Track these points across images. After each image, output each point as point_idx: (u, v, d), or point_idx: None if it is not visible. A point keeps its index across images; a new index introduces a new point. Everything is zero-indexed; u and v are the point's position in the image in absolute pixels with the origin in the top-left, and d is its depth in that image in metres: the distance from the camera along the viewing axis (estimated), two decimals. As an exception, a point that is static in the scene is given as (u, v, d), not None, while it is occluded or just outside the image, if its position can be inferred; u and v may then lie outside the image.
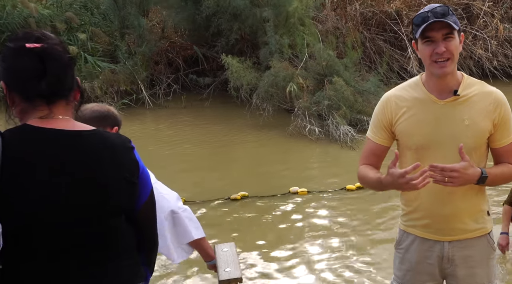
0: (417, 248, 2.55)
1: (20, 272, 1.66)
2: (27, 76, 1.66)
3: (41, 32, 1.75)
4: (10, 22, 10.78)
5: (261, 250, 5.15)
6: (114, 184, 1.77)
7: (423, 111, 2.40)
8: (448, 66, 2.30)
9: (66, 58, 1.74)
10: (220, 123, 9.28)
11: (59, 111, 1.73)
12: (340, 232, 5.49)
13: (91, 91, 10.07)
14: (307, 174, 7.23)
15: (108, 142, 1.80)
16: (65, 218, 1.68)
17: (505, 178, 2.47)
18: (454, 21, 2.28)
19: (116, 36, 10.97)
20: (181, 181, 6.88)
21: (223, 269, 2.14)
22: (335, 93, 8.56)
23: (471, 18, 11.71)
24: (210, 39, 10.67)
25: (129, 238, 1.87)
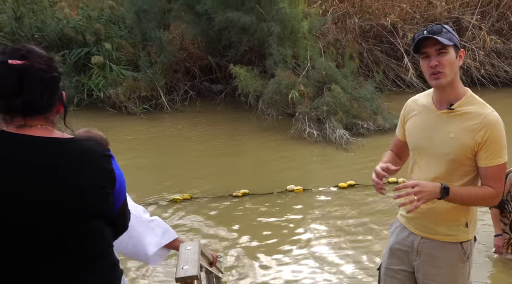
0: (397, 234, 2.58)
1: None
2: (4, 91, 1.57)
3: (30, 48, 1.64)
4: (49, 34, 10.78)
5: (258, 241, 5.09)
6: (90, 189, 1.66)
7: (423, 118, 2.42)
8: (442, 78, 2.27)
9: (48, 77, 1.63)
10: (230, 126, 9.21)
11: (36, 122, 1.63)
12: (331, 224, 5.42)
13: (115, 97, 10.04)
14: (304, 173, 7.13)
15: (85, 149, 1.70)
16: (35, 223, 1.57)
17: (477, 199, 2.34)
18: (448, 37, 2.25)
19: (138, 47, 10.90)
20: (191, 177, 6.84)
21: (181, 267, 2.03)
22: (333, 99, 8.45)
23: (460, 31, 11.46)
24: (222, 50, 10.57)
25: (105, 241, 1.77)
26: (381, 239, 4.89)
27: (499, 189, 2.32)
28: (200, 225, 5.50)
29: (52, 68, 1.66)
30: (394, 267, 2.57)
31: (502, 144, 2.29)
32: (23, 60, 1.58)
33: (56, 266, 1.62)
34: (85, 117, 9.80)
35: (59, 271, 1.63)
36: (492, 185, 2.30)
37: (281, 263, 4.69)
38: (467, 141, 2.27)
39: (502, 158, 2.29)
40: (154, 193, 6.32)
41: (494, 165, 2.28)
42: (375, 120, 8.51)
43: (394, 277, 2.57)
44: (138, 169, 7.03)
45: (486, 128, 2.25)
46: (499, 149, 2.28)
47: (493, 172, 2.30)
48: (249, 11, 9.41)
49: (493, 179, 2.30)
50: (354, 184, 6.28)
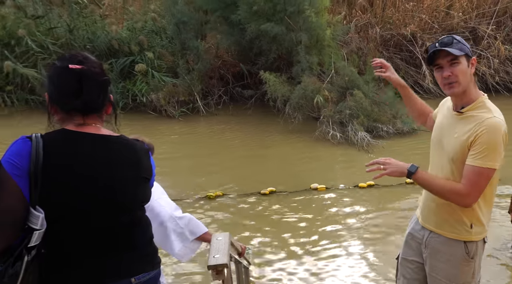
0: (413, 226, 2.55)
1: (57, 255, 1.63)
2: (66, 92, 1.67)
3: (85, 55, 1.74)
4: (99, 44, 10.98)
5: (284, 236, 5.06)
6: (136, 180, 1.75)
7: (443, 116, 2.41)
8: (456, 88, 2.21)
9: (101, 80, 1.72)
10: (259, 128, 9.19)
11: (91, 121, 1.72)
12: (353, 220, 5.39)
13: (156, 101, 10.15)
14: (327, 172, 7.06)
15: (130, 145, 1.78)
16: (93, 211, 1.65)
17: (443, 189, 2.23)
18: (459, 48, 2.19)
19: (178, 56, 10.99)
20: (223, 176, 6.86)
21: (213, 256, 2.04)
22: (355, 104, 8.35)
23: (476, 40, 11.19)
24: (253, 58, 10.55)
25: (148, 228, 1.85)
26: (402, 234, 4.80)
27: (468, 191, 2.17)
28: (231, 220, 5.51)
29: (104, 73, 1.76)
30: (408, 258, 2.56)
31: (492, 149, 2.13)
32: (81, 65, 1.67)
33: (115, 247, 1.71)
34: (130, 119, 9.94)
35: (118, 251, 1.71)
36: (464, 183, 2.17)
37: (307, 255, 4.65)
38: (464, 142, 2.20)
39: (485, 162, 2.13)
40: (189, 189, 6.36)
41: (474, 165, 2.15)
42: (394, 123, 8.39)
43: (408, 267, 2.55)
44: (176, 167, 7.10)
45: (481, 130, 2.15)
46: (486, 152, 2.13)
47: (471, 173, 2.16)
48: (278, 21, 9.37)
49: (468, 179, 2.16)
50: (373, 184, 6.20)
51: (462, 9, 11.39)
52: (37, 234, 1.55)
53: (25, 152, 1.57)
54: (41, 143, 1.58)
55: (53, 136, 1.65)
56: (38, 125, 2.04)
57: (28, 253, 1.55)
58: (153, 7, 11.87)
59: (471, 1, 11.46)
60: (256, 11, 9.39)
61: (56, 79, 1.68)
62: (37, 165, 1.55)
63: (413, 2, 11.47)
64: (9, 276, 1.52)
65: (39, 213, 1.55)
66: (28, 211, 1.55)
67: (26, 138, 1.60)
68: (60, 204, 1.59)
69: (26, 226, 1.55)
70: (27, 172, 1.55)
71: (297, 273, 4.37)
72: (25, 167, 1.55)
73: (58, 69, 1.69)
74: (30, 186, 1.55)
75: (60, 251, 1.63)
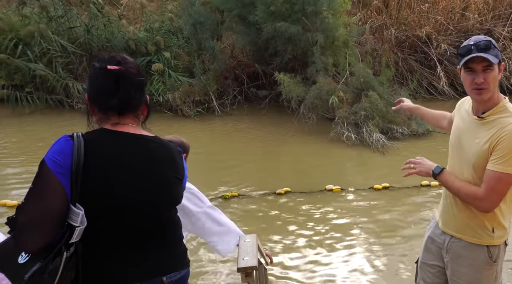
0: (433, 230, 2.51)
1: (95, 252, 1.66)
2: (104, 92, 1.71)
3: (123, 56, 1.77)
4: (116, 44, 11.05)
5: (300, 235, 5.07)
6: (171, 180, 1.78)
7: (461, 120, 2.36)
8: (485, 94, 2.15)
9: (137, 81, 1.75)
10: (274, 129, 9.17)
11: (128, 121, 1.75)
12: (366, 223, 5.34)
13: (173, 101, 10.18)
14: (342, 174, 7.03)
15: (166, 145, 1.82)
16: (130, 209, 1.67)
17: (461, 192, 2.24)
18: (495, 54, 2.11)
19: (194, 56, 11.02)
20: (239, 176, 6.87)
21: (242, 258, 2.04)
22: (370, 105, 8.29)
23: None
24: (269, 58, 10.53)
25: (179, 228, 1.88)
26: (417, 237, 4.78)
27: (486, 196, 2.14)
28: (247, 220, 5.50)
29: (141, 73, 1.78)
30: (428, 262, 2.53)
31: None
32: (119, 65, 1.70)
33: (149, 246, 1.74)
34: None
35: (152, 250, 1.74)
36: (483, 188, 2.15)
37: (321, 256, 4.64)
38: (485, 147, 2.15)
39: (506, 167, 2.09)
40: (204, 189, 6.33)
41: (494, 170, 2.11)
42: (409, 125, 8.31)
43: (428, 271, 2.53)
44: (190, 167, 7.08)
45: (503, 134, 2.11)
46: (507, 157, 2.08)
47: (491, 178, 2.12)
48: (295, 21, 9.33)
49: (487, 184, 2.13)
50: (388, 186, 6.16)
51: (478, 11, 11.26)
52: (78, 230, 1.57)
53: (68, 150, 1.60)
54: (82, 142, 1.62)
55: (93, 135, 1.68)
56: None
57: (67, 249, 1.58)
58: (170, 7, 11.91)
59: (487, 3, 11.32)
60: (274, 12, 9.37)
61: (95, 79, 1.72)
62: (79, 163, 1.59)
63: (429, 3, 11.36)
64: (49, 272, 1.54)
65: (79, 210, 1.57)
66: (68, 208, 1.58)
67: (68, 137, 1.64)
68: (98, 202, 1.62)
69: (66, 223, 1.58)
70: (69, 170, 1.58)
71: (312, 273, 4.37)
72: (68, 165, 1.58)
73: (97, 70, 1.72)
74: (71, 183, 1.58)
75: (97, 248, 1.66)
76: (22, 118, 9.66)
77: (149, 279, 1.72)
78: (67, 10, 11.15)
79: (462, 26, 11.20)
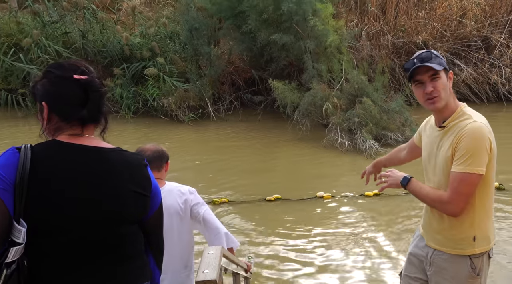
0: (416, 243, 2.49)
1: (42, 267, 1.57)
2: (71, 102, 1.62)
3: (84, 65, 1.70)
4: (111, 49, 11.06)
5: (287, 243, 5.02)
6: (128, 196, 1.68)
7: (427, 137, 2.39)
8: (438, 102, 2.17)
9: (103, 91, 1.69)
10: (268, 135, 9.14)
11: (88, 131, 1.68)
12: (355, 230, 5.31)
13: (167, 106, 10.17)
14: (334, 180, 6.97)
15: (125, 158, 1.72)
16: (79, 226, 1.59)
17: (428, 197, 2.24)
18: (438, 62, 2.17)
19: (190, 61, 11.02)
20: (229, 182, 6.84)
21: (202, 271, 1.97)
22: (363, 111, 8.25)
23: (489, 49, 11.03)
24: (264, 65, 10.54)
25: (139, 243, 1.78)
26: (407, 245, 4.74)
27: (451, 198, 2.13)
28: (235, 227, 5.47)
29: (102, 83, 1.71)
30: (411, 275, 2.49)
31: (473, 154, 2.08)
32: (84, 75, 1.64)
33: (103, 260, 1.65)
34: (140, 123, 10.00)
35: (105, 264, 1.65)
36: (448, 190, 2.14)
37: (310, 263, 4.61)
38: (449, 153, 2.15)
39: (466, 167, 2.09)
40: (195, 195, 6.34)
41: (455, 171, 2.11)
42: (403, 131, 8.27)
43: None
44: (182, 171, 7.09)
45: (461, 137, 2.11)
46: (467, 156, 2.08)
47: (453, 179, 2.12)
48: (287, 30, 9.34)
49: (450, 185, 2.13)
50: (379, 193, 6.11)
51: (475, 18, 11.23)
52: (14, 250, 1.50)
53: (13, 164, 1.52)
54: (29, 155, 1.53)
55: (43, 147, 1.60)
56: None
57: (8, 267, 1.50)
58: (166, 13, 11.91)
59: (484, 10, 11.30)
60: (266, 19, 9.38)
61: (58, 88, 1.63)
62: (23, 178, 1.50)
63: (426, 10, 11.35)
64: None
65: (22, 227, 1.50)
66: (11, 225, 1.50)
67: (16, 149, 1.55)
68: (44, 218, 1.54)
69: (10, 239, 1.50)
70: (13, 185, 1.50)
71: (300, 279, 4.33)
72: (11, 180, 1.50)
73: (61, 79, 1.63)
74: (15, 199, 1.50)
75: (43, 265, 1.57)
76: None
77: None
78: (61, 15, 11.18)
79: (459, 33, 11.18)
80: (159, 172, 2.79)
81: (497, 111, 10.14)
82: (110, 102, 10.48)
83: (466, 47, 11.06)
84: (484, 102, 10.58)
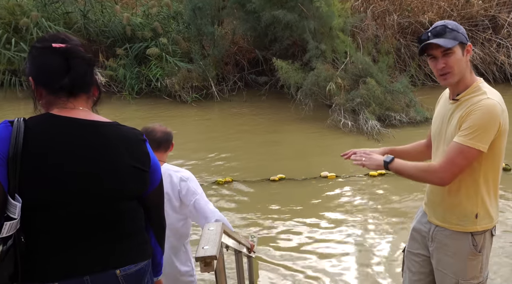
0: (419, 219, 2.50)
1: (39, 243, 1.56)
2: (52, 71, 1.58)
3: (65, 34, 1.67)
4: (113, 29, 11.00)
5: (291, 222, 5.07)
6: (126, 171, 1.65)
7: (441, 108, 2.35)
8: (450, 78, 2.15)
9: (87, 57, 1.64)
10: (272, 115, 9.13)
11: (80, 104, 1.64)
12: (359, 209, 5.35)
13: (171, 86, 10.15)
14: (338, 161, 6.94)
15: (122, 133, 1.69)
16: (78, 200, 1.57)
17: (417, 170, 2.23)
18: (453, 37, 2.11)
19: (193, 41, 10.96)
20: (234, 162, 6.88)
21: (202, 247, 1.96)
22: (367, 92, 8.21)
23: (496, 28, 10.89)
24: (268, 44, 10.45)
25: (139, 219, 1.75)
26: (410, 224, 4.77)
27: (443, 167, 2.11)
28: (238, 206, 5.52)
29: (88, 51, 1.67)
30: (414, 251, 2.50)
31: (480, 129, 2.06)
32: (64, 43, 1.60)
33: (101, 237, 1.63)
34: (144, 104, 10.01)
35: (103, 241, 1.63)
36: (442, 159, 2.13)
37: (314, 242, 4.67)
38: (458, 127, 2.14)
39: (468, 140, 2.06)
40: (199, 174, 6.38)
41: (456, 142, 2.10)
42: (407, 112, 8.25)
43: (414, 260, 2.50)
44: (186, 152, 7.12)
45: (472, 110, 2.09)
46: (472, 130, 2.06)
47: (450, 148, 2.11)
48: (291, 9, 9.25)
49: (446, 154, 2.12)
50: (384, 173, 6.13)
51: (483, -3, 11.09)
52: (8, 224, 1.47)
53: (5, 137, 1.49)
54: (22, 128, 1.50)
55: (36, 120, 1.57)
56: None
57: (4, 243, 1.49)
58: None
59: (492, -11, 11.15)
60: (270, -2, 9.31)
61: (40, 60, 1.60)
62: (17, 151, 1.47)
63: (432, -11, 11.21)
64: None
65: (17, 202, 1.47)
66: (6, 201, 1.48)
67: (8, 123, 1.52)
68: (40, 193, 1.52)
69: (5, 215, 1.48)
70: (6, 159, 1.47)
71: (303, 259, 4.37)
72: (4, 154, 1.47)
73: (40, 50, 1.60)
74: (9, 174, 1.47)
75: (40, 240, 1.56)
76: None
77: (99, 272, 1.60)
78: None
79: (466, 12, 11.04)
80: (165, 153, 2.80)
81: (504, 92, 9.99)
82: (114, 82, 10.48)
83: (473, 27, 10.93)
84: (491, 82, 10.50)
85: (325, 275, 4.11)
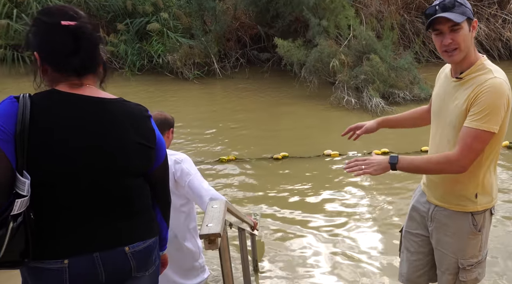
0: (418, 198, 2.48)
1: (50, 221, 1.57)
2: (62, 51, 1.54)
3: (74, 9, 1.61)
4: (114, 4, 10.87)
5: (294, 200, 5.09)
6: (132, 148, 1.65)
7: (442, 86, 2.26)
8: (457, 55, 2.07)
9: (96, 36, 1.60)
10: (275, 92, 9.09)
11: (86, 81, 1.62)
12: (361, 188, 5.35)
13: (172, 63, 10.08)
14: (341, 139, 6.93)
15: (128, 109, 1.68)
16: (85, 175, 1.57)
17: (430, 163, 2.13)
18: (461, 11, 2.02)
19: (194, 17, 10.83)
20: (237, 140, 6.87)
21: (206, 224, 1.97)
22: (371, 69, 8.14)
23: (502, 3, 10.75)
24: (270, 20, 10.34)
25: (145, 196, 1.77)
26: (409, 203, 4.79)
27: (461, 154, 2.04)
28: (242, 185, 5.53)
29: (96, 29, 1.63)
30: (412, 231, 2.49)
31: (491, 111, 2.00)
32: (73, 20, 1.55)
33: (110, 215, 1.64)
34: (146, 80, 9.96)
35: (115, 218, 1.64)
36: (458, 145, 2.05)
37: (316, 220, 4.67)
38: (464, 107, 2.08)
39: (482, 124, 2.01)
40: (202, 153, 6.40)
41: (470, 127, 2.02)
42: (411, 89, 8.20)
43: (412, 240, 2.50)
44: (190, 131, 7.12)
45: (482, 90, 2.02)
46: (485, 113, 2.00)
47: (466, 135, 2.03)
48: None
49: (462, 141, 2.04)
50: (387, 151, 6.13)
51: (489, -29, 10.91)
52: (19, 201, 1.47)
53: (12, 113, 1.47)
54: (28, 104, 1.48)
55: (42, 97, 1.54)
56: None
57: (14, 220, 1.48)
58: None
59: (499, -38, 10.96)
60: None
61: (48, 37, 1.54)
62: (24, 128, 1.45)
63: (438, -37, 10.99)
64: None
65: (25, 179, 1.47)
66: (14, 177, 1.47)
67: (14, 99, 1.50)
68: (48, 169, 1.51)
69: (14, 192, 1.47)
70: (13, 135, 1.45)
71: (304, 237, 4.40)
72: (11, 131, 1.46)
73: (48, 26, 1.54)
74: (16, 150, 1.46)
75: (50, 216, 1.56)
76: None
77: (109, 249, 1.62)
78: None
79: (471, -14, 10.88)
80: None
81: (509, 68, 9.98)
82: (115, 58, 10.40)
83: (478, 2, 10.79)
84: (496, 59, 10.41)
85: (331, 248, 4.15)
